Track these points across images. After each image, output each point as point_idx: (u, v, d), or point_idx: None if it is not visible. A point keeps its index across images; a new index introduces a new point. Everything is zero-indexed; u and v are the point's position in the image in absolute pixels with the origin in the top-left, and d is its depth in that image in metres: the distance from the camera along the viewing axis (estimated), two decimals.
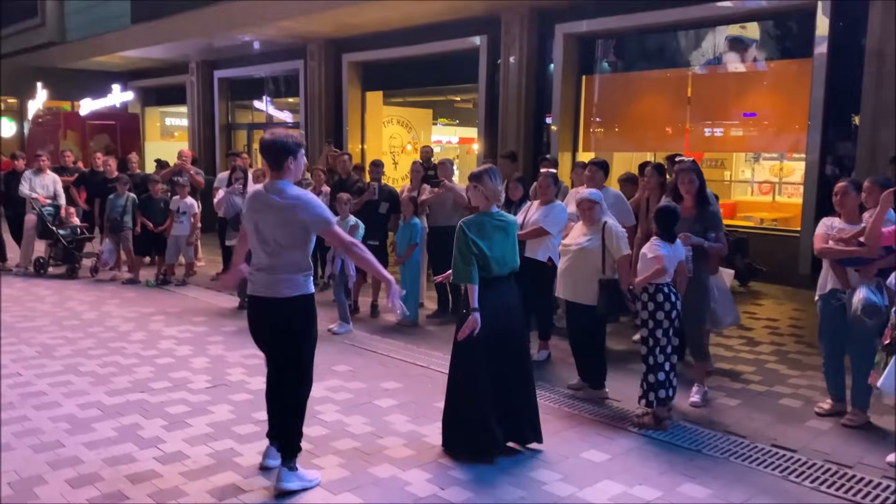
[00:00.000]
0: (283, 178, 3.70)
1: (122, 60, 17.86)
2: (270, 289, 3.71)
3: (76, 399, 5.03)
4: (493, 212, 4.23)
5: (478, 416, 4.15)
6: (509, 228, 4.25)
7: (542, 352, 6.14)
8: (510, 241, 4.26)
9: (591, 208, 5.15)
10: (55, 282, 9.42)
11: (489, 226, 4.16)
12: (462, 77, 12.38)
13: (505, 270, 4.25)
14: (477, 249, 4.09)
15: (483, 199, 4.24)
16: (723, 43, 9.63)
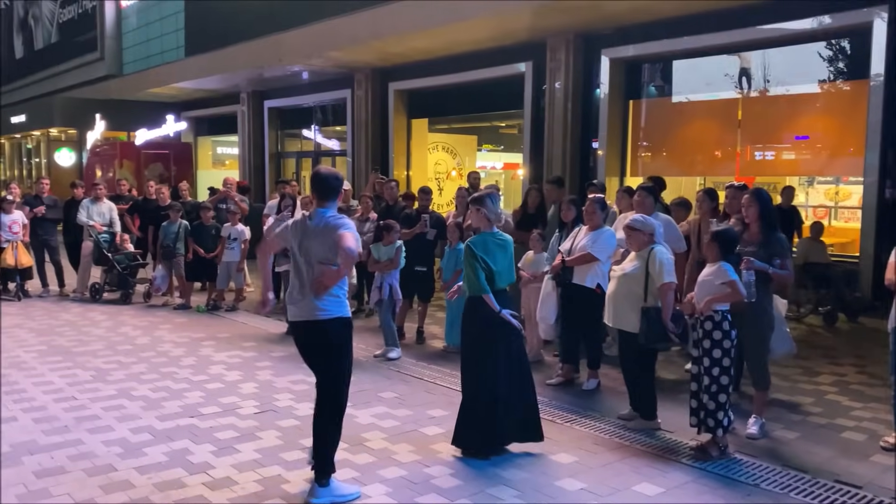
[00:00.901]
0: (330, 207, 4.05)
1: (176, 91, 18.42)
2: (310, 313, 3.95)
3: (128, 423, 5.11)
4: (494, 231, 4.67)
5: (496, 418, 4.55)
6: (507, 246, 4.69)
7: (592, 380, 6.03)
8: (508, 258, 4.68)
9: (631, 234, 5.06)
10: (110, 307, 9.66)
11: (491, 244, 4.61)
12: (507, 103, 12.43)
13: (505, 283, 4.67)
14: (484, 265, 4.51)
15: (485, 220, 4.68)
16: (774, 65, 9.46)
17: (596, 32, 10.37)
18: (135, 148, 18.67)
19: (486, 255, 4.54)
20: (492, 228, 4.68)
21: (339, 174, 4.19)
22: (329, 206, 4.03)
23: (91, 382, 6.11)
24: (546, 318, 6.14)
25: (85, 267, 10.44)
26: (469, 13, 9.93)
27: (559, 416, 5.33)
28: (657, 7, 9.09)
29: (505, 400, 4.56)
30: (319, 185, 4.07)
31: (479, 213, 4.68)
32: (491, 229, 4.67)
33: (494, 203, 4.71)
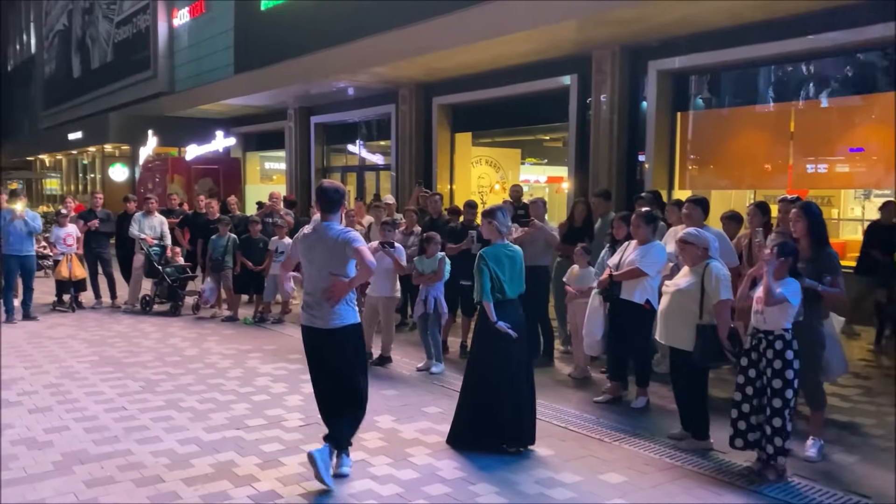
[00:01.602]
0: (332, 220, 4.36)
1: (226, 108, 18.81)
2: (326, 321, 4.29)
3: (176, 434, 5.16)
4: (504, 243, 4.97)
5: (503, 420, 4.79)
6: (516, 257, 4.97)
7: (641, 398, 5.89)
8: (517, 269, 4.95)
9: (684, 248, 4.94)
10: (159, 319, 9.84)
11: (502, 255, 4.89)
12: (551, 116, 12.34)
13: (515, 293, 4.93)
14: (494, 275, 4.79)
15: (496, 232, 4.98)
16: (827, 75, 9.20)
17: (642, 44, 10.24)
18: (185, 163, 19.09)
19: (496, 265, 4.82)
20: (503, 240, 4.98)
21: (340, 188, 4.49)
22: (332, 219, 4.35)
23: (140, 393, 6.21)
24: (593, 334, 6.03)
25: (136, 279, 10.67)
26: (513, 27, 9.91)
27: (607, 434, 5.22)
28: (705, 18, 8.93)
29: (502, 402, 4.78)
30: (322, 199, 4.38)
31: (491, 226, 4.97)
32: (502, 241, 4.97)
33: (505, 216, 5.00)
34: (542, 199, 7.73)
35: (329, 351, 4.34)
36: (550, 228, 7.42)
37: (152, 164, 19.82)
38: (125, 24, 25.38)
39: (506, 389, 4.81)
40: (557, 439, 5.12)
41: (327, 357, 4.36)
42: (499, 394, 4.81)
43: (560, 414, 5.69)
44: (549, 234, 7.27)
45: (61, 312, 10.17)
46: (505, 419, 4.80)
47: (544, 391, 6.30)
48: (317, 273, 4.31)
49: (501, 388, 4.81)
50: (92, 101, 27.92)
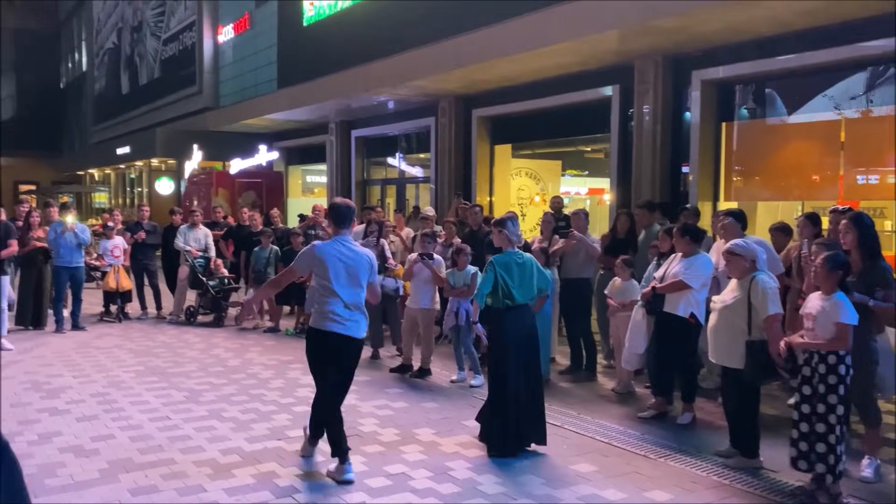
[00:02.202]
0: (345, 234, 4.69)
1: (269, 123, 19.09)
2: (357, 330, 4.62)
3: (218, 444, 5.20)
4: (515, 251, 5.23)
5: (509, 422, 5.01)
6: (526, 264, 5.22)
7: (686, 414, 5.75)
8: (527, 274, 5.19)
9: (731, 260, 4.82)
10: (203, 329, 9.97)
11: (512, 262, 5.16)
12: (592, 127, 12.22)
13: (525, 299, 5.18)
14: (503, 282, 5.06)
15: (506, 240, 5.26)
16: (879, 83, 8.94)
17: (685, 54, 10.09)
18: (229, 177, 19.42)
19: (506, 272, 5.10)
20: (513, 248, 5.26)
21: (351, 204, 4.83)
22: (344, 233, 4.69)
23: (184, 403, 6.28)
24: (635, 348, 5.92)
25: (181, 290, 10.85)
26: (554, 38, 9.85)
27: (652, 450, 5.10)
28: (750, 26, 8.75)
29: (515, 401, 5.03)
30: (334, 215, 4.75)
31: (502, 234, 5.27)
32: (512, 248, 5.25)
33: (515, 226, 5.32)
34: (583, 211, 7.65)
35: (350, 357, 4.67)
36: (592, 240, 7.33)
37: (197, 177, 20.21)
38: (172, 42, 26.01)
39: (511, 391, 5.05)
40: (601, 455, 5.02)
41: (347, 363, 4.67)
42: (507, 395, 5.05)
43: (603, 429, 5.58)
44: (589, 246, 7.18)
45: (108, 323, 10.38)
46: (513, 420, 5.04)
47: (587, 406, 6.22)
48: (347, 284, 4.56)
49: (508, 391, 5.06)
50: (140, 116, 28.64)
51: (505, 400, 5.05)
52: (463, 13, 12.55)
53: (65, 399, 6.35)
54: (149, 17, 28.14)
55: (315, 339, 4.63)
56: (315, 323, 4.62)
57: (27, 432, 5.42)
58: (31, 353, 8.29)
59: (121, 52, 31.65)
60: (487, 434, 5.12)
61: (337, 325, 4.54)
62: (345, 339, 4.57)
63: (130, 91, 30.57)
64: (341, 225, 4.71)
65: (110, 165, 29.53)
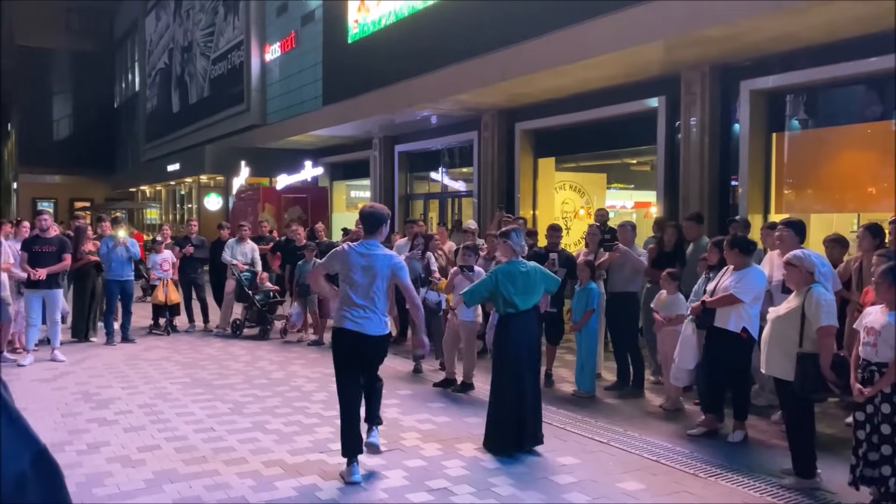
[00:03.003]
0: (375, 239, 4.86)
1: (314, 139, 19.35)
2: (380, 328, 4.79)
3: (261, 456, 5.21)
4: (518, 261, 5.45)
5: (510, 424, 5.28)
6: (530, 272, 5.43)
7: (738, 432, 5.55)
8: (531, 283, 5.40)
9: (789, 270, 4.65)
10: (249, 342, 10.08)
11: (516, 272, 5.39)
12: (638, 139, 12.06)
13: (528, 306, 5.41)
14: (505, 290, 5.32)
15: (511, 251, 5.50)
16: None
17: (733, 64, 9.89)
18: (276, 192, 19.71)
19: (511, 282, 5.34)
20: (517, 258, 5.48)
21: (383, 211, 4.96)
22: (376, 237, 4.86)
23: (229, 415, 6.32)
24: (685, 364, 5.75)
25: (227, 303, 11.00)
26: (598, 50, 9.76)
27: (702, 469, 4.93)
28: (800, 34, 8.53)
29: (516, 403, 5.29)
30: (367, 221, 4.90)
31: (506, 245, 5.51)
32: (517, 258, 5.48)
33: (518, 237, 5.56)
34: (630, 223, 7.51)
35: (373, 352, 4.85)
36: (638, 253, 7.19)
37: (245, 193, 20.56)
38: (221, 61, 26.62)
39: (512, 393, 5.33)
40: (648, 473, 4.88)
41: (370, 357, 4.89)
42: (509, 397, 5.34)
43: (651, 446, 5.43)
44: (635, 259, 7.05)
45: (157, 335, 10.57)
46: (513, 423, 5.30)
47: (634, 422, 6.07)
48: (368, 286, 4.75)
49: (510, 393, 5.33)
50: (189, 134, 29.34)
51: (506, 402, 5.32)
52: (506, 27, 12.56)
53: (113, 410, 6.46)
54: (198, 37, 28.88)
55: (335, 338, 4.87)
56: (336, 323, 4.87)
57: (76, 442, 5.52)
58: (82, 364, 8.48)
59: (172, 71, 32.53)
60: (488, 433, 5.39)
61: (350, 322, 4.73)
62: (360, 337, 4.73)
63: (181, 109, 31.36)
64: (370, 231, 4.90)
65: (161, 182, 30.29)
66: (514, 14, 12.68)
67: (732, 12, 8.05)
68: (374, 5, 17.25)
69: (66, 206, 38.65)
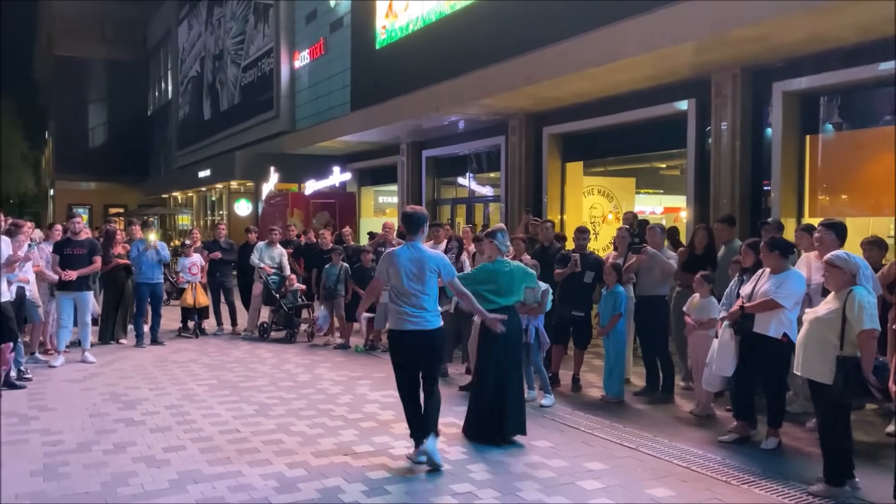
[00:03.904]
0: (417, 240, 5.14)
1: (342, 145, 19.45)
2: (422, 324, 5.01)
3: (285, 458, 5.19)
4: (503, 260, 5.82)
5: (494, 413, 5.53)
6: (513, 271, 5.83)
7: (772, 439, 5.40)
8: (514, 281, 5.79)
9: (830, 272, 4.51)
10: (275, 345, 10.11)
11: (498, 271, 5.74)
12: (668, 143, 11.90)
13: (509, 301, 5.77)
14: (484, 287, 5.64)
15: (496, 250, 5.83)
16: None
17: (765, 65, 9.71)
18: (304, 198, 19.83)
19: (492, 278, 5.69)
20: (502, 257, 5.83)
21: (420, 212, 5.21)
22: (418, 239, 5.15)
23: (254, 416, 6.32)
24: (723, 370, 5.59)
25: (255, 307, 11.05)
26: (627, 52, 9.65)
27: (734, 476, 4.80)
28: (834, 34, 8.34)
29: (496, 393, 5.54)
30: (409, 223, 5.17)
31: (492, 245, 5.84)
32: (501, 257, 5.82)
33: (504, 237, 5.91)
34: (660, 226, 7.40)
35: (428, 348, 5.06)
36: (668, 256, 7.06)
37: (274, 199, 20.72)
38: (251, 68, 26.91)
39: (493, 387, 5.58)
40: (678, 479, 4.76)
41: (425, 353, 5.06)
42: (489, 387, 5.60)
43: (681, 453, 5.30)
44: (664, 261, 6.92)
45: (185, 338, 10.65)
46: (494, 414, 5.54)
47: (664, 428, 5.94)
48: (417, 285, 5.00)
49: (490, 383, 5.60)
50: (220, 141, 29.69)
51: (487, 391, 5.59)
52: (534, 30, 12.50)
53: (140, 410, 6.50)
54: (229, 45, 29.25)
55: (393, 339, 5.16)
56: (393, 325, 5.10)
57: (103, 441, 5.55)
58: (111, 365, 8.56)
59: (203, 79, 32.97)
60: (468, 421, 5.70)
61: (409, 322, 5.00)
62: (419, 334, 5.00)
63: (212, 117, 31.76)
64: (412, 232, 5.16)
65: (192, 188, 30.68)
66: (541, 17, 12.61)
67: (764, 12, 7.89)
68: (401, 11, 17.31)
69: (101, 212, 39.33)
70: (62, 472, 4.89)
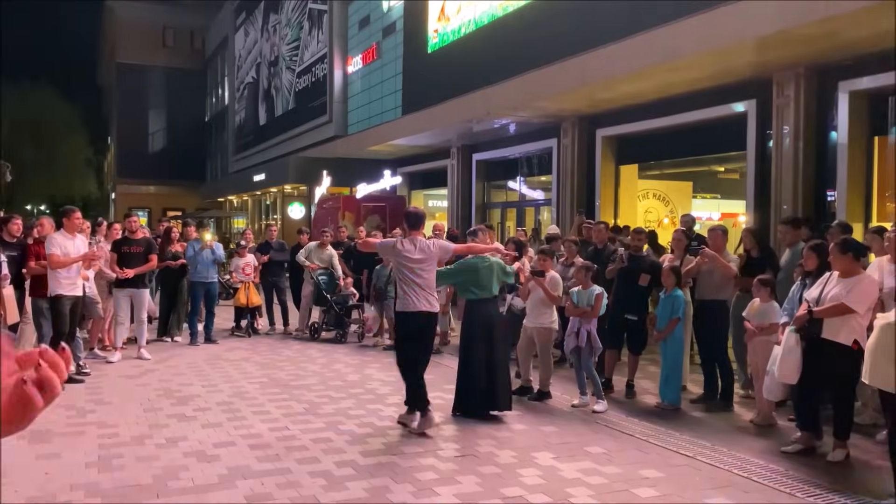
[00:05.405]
0: (419, 235, 6.03)
1: (393, 149, 19.52)
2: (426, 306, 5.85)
3: (333, 456, 5.16)
4: (481, 256, 6.43)
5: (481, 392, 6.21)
6: (492, 266, 6.44)
7: (838, 451, 5.13)
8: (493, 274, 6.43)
9: None
10: (326, 345, 10.15)
11: (479, 266, 6.39)
12: (726, 145, 11.57)
13: (488, 294, 6.43)
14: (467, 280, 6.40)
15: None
16: None
17: (831, 64, 9.34)
18: (355, 201, 19.98)
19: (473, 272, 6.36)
20: (483, 254, 6.47)
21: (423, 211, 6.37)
22: (419, 235, 6.04)
23: (303, 415, 6.33)
24: (787, 378, 5.33)
25: (305, 307, 11.13)
26: (684, 52, 9.41)
27: (798, 488, 4.58)
28: None
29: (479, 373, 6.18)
30: (411, 220, 6.13)
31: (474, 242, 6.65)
32: (483, 254, 6.46)
33: (484, 235, 6.79)
34: (722, 227, 7.14)
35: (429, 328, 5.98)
36: (729, 259, 6.82)
37: (326, 202, 20.93)
38: (305, 74, 27.29)
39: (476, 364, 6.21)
40: (739, 489, 4.56)
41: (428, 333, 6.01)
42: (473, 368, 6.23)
43: (741, 462, 5.09)
44: (723, 264, 6.68)
45: (238, 337, 10.79)
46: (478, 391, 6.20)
47: (722, 437, 5.72)
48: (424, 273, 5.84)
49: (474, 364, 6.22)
50: (275, 145, 30.18)
51: (471, 372, 6.21)
52: (587, 30, 12.32)
53: (192, 406, 6.57)
54: (284, 51, 29.72)
55: (402, 320, 5.96)
56: (401, 308, 5.91)
57: (156, 436, 5.62)
58: (166, 362, 8.71)
59: (259, 85, 33.59)
60: (456, 401, 6.32)
61: (415, 305, 5.79)
62: (425, 315, 5.84)
63: (267, 122, 32.31)
64: (414, 227, 6.07)
65: (248, 192, 31.25)
66: (595, 17, 12.43)
67: (832, 8, 7.58)
68: (454, 14, 17.29)
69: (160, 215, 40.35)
70: (116, 464, 4.95)
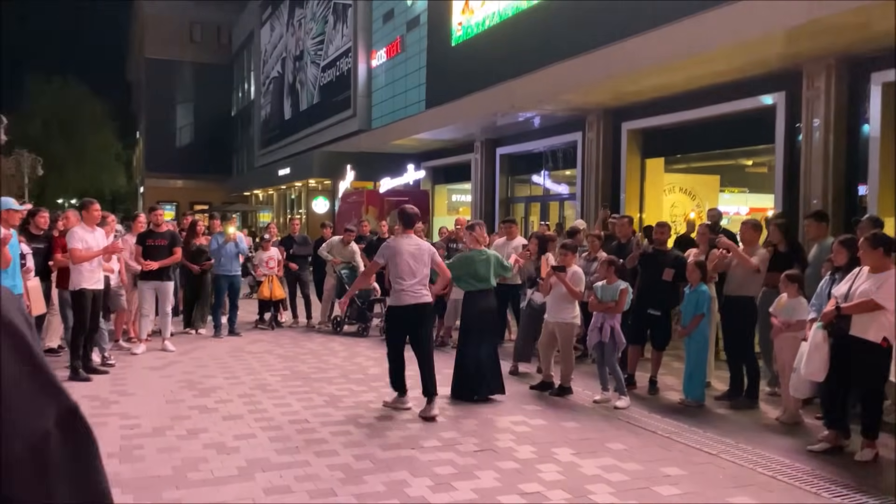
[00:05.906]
0: (411, 234, 6.32)
1: (416, 143, 19.49)
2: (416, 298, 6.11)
3: (352, 449, 5.15)
4: (480, 250, 6.79)
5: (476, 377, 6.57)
6: (489, 259, 6.77)
7: (867, 451, 5.01)
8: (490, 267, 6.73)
9: None
10: (348, 339, 10.17)
11: (476, 259, 6.72)
12: (754, 139, 11.37)
13: (485, 286, 6.75)
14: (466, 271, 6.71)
15: (475, 241, 6.85)
16: None
17: (863, 55, 9.12)
18: (379, 196, 19.99)
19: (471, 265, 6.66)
20: (479, 247, 6.79)
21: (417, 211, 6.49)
22: (411, 233, 6.31)
23: (323, 407, 6.33)
24: (814, 375, 5.21)
25: (327, 300, 11.16)
26: (711, 43, 9.25)
27: (824, 488, 4.47)
28: None
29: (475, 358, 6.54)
30: (404, 218, 6.34)
31: (472, 236, 6.89)
32: (479, 248, 6.79)
33: (482, 229, 7.02)
34: (753, 221, 7.00)
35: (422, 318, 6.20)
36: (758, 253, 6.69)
37: (350, 197, 20.99)
38: (330, 68, 27.36)
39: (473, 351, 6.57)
40: (763, 489, 4.47)
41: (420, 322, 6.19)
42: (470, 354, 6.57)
43: (765, 461, 4.99)
44: (742, 256, 6.53)
45: (261, 330, 10.85)
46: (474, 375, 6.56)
47: (747, 435, 5.62)
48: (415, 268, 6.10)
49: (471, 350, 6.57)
50: (300, 140, 30.33)
51: (469, 358, 6.53)
52: (613, 22, 12.17)
53: (214, 398, 6.61)
54: (309, 46, 29.82)
55: (394, 312, 6.24)
56: (393, 301, 6.18)
57: (177, 427, 5.66)
58: (189, 354, 8.78)
59: (284, 80, 33.75)
60: (454, 385, 6.63)
61: (410, 297, 6.07)
62: (418, 307, 6.11)
63: (292, 116, 32.47)
64: (409, 226, 6.30)
65: (273, 186, 31.44)
66: (621, 8, 12.28)
67: None
68: (478, 6, 17.20)
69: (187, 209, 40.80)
70: (137, 454, 4.99)
